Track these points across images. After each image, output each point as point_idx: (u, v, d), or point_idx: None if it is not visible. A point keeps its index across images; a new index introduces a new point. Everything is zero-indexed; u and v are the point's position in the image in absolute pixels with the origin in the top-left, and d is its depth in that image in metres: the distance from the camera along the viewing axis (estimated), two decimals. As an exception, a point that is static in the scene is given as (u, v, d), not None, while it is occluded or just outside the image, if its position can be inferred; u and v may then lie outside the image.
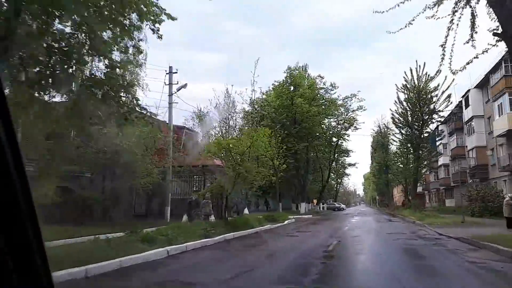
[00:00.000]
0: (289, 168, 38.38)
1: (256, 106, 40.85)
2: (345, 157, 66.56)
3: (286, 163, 37.19)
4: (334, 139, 49.26)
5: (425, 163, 38.28)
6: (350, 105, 46.65)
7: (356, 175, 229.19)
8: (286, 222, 24.62)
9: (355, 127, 48.04)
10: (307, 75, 42.32)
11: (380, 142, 63.21)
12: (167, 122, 19.73)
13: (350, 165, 72.26)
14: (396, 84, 37.52)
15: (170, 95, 19.47)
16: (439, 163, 48.17)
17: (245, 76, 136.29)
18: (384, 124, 55.93)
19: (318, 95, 41.89)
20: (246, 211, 24.85)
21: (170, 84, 19.67)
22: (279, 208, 44.68)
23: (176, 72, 19.92)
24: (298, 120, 39.08)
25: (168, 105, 19.39)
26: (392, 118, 38.86)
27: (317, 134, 41.61)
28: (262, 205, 47.18)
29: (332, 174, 61.89)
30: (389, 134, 61.06)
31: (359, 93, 46.71)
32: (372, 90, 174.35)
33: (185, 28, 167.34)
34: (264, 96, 40.50)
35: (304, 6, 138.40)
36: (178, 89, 19.60)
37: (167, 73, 19.73)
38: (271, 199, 46.13)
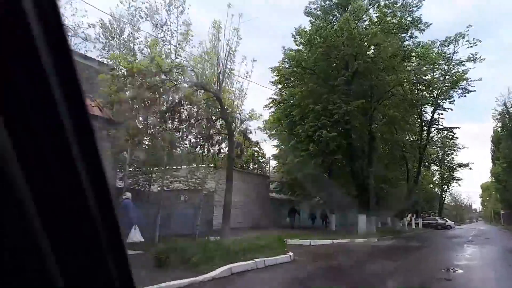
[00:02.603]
0: (330, 149, 20.64)
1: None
2: (452, 152, 45.82)
3: (323, 136, 19.79)
4: (427, 109, 29.51)
5: None
6: (455, 52, 26.88)
7: (471, 184, 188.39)
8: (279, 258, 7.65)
9: (465, 88, 28.12)
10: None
11: (508, 128, 42.29)
12: None
13: (460, 166, 51.04)
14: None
15: None
16: None
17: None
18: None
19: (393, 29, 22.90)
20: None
21: None
22: (332, 221, 26.97)
23: None
24: (350, 63, 21.24)
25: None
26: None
27: (389, 89, 22.59)
28: (318, 218, 29.75)
29: (427, 171, 41.50)
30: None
31: (469, 31, 25.96)
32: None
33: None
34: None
35: None
36: None
37: None
38: (331, 209, 28.33)
